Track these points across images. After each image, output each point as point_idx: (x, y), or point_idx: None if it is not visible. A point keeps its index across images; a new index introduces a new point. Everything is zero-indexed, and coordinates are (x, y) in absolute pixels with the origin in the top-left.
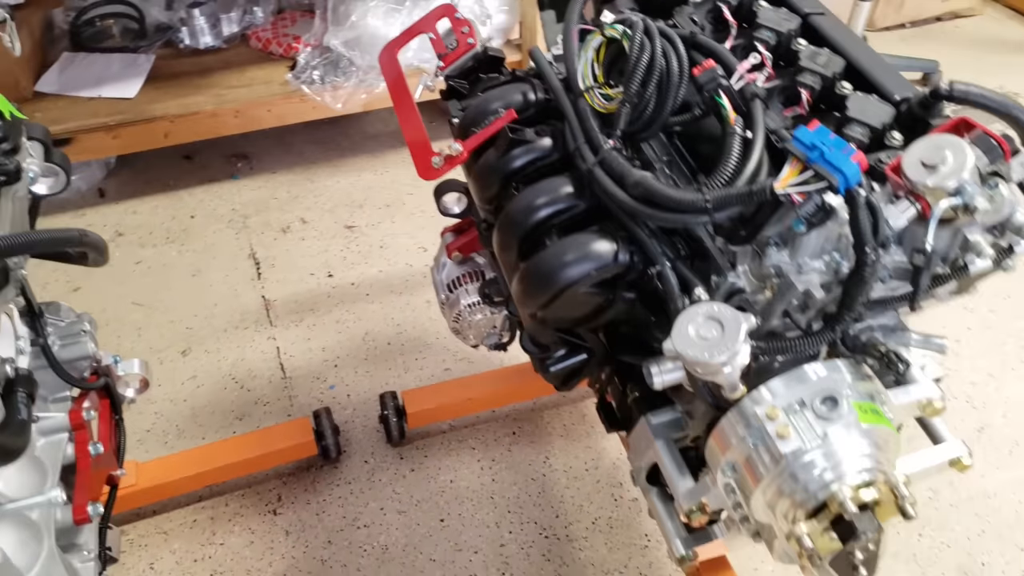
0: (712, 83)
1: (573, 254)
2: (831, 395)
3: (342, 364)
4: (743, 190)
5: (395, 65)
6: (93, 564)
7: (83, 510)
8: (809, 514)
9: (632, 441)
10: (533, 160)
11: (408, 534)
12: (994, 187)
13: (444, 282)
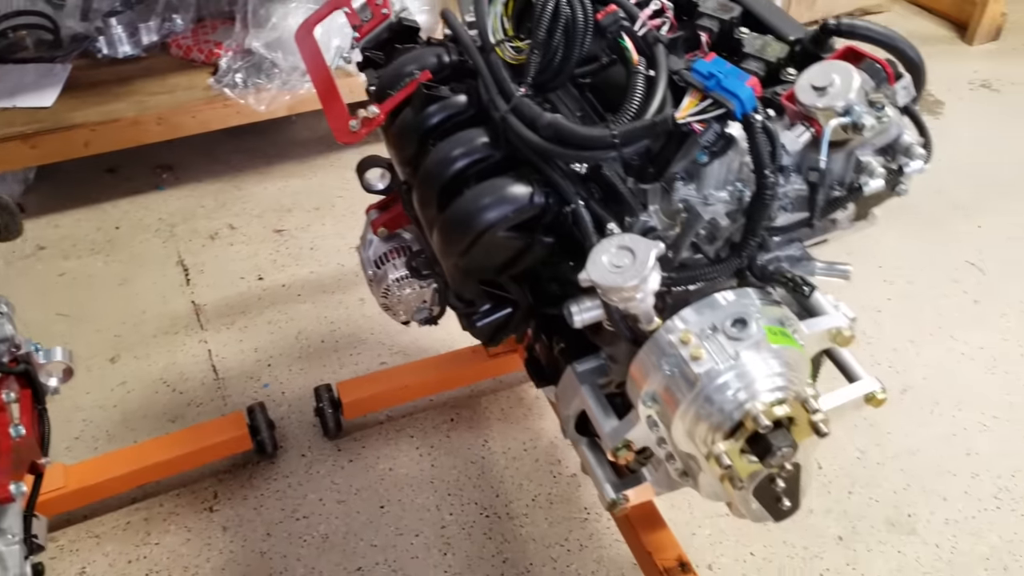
0: (614, 25)
1: (490, 198)
2: (740, 317)
3: (276, 363)
4: (647, 122)
5: (311, 40)
6: (18, 548)
7: (5, 488)
8: (726, 434)
9: (559, 391)
10: (449, 116)
11: (348, 522)
12: (881, 108)
13: (371, 259)
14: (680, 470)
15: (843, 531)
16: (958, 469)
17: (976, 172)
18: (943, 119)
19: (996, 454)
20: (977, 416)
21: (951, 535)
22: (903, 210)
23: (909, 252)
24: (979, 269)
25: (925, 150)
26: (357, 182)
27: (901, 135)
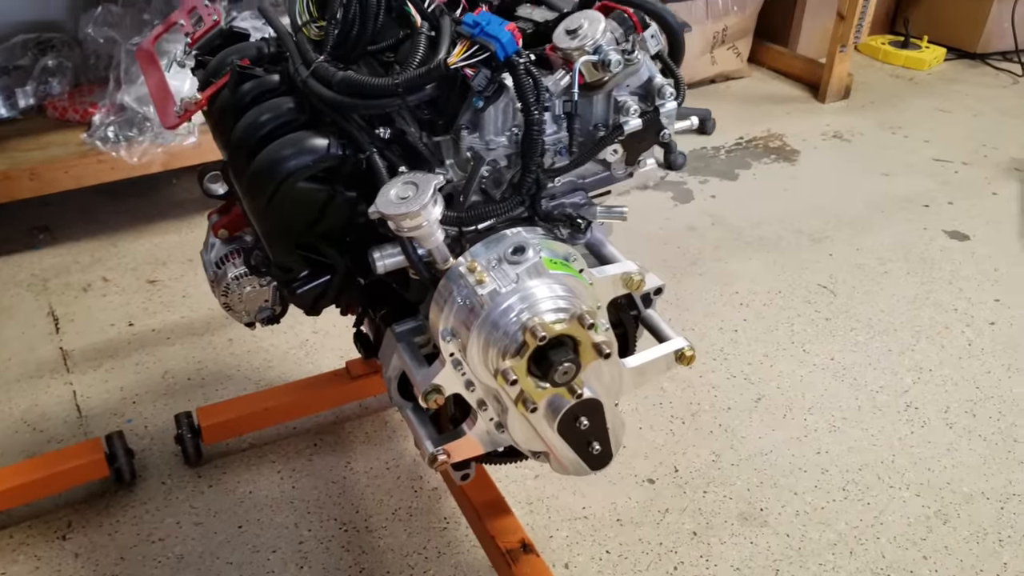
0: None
1: (289, 149)
2: (520, 245)
3: (140, 400)
4: (423, 69)
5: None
6: None
7: None
8: (512, 354)
9: (382, 355)
10: (262, 92)
11: (205, 543)
12: (631, 52)
13: (212, 261)
14: (495, 421)
15: (697, 527)
16: (808, 466)
17: (828, 208)
18: (799, 165)
19: (844, 451)
20: (827, 419)
21: (801, 525)
22: (763, 243)
23: (767, 279)
24: (830, 292)
25: (676, 91)
26: None
27: (654, 77)
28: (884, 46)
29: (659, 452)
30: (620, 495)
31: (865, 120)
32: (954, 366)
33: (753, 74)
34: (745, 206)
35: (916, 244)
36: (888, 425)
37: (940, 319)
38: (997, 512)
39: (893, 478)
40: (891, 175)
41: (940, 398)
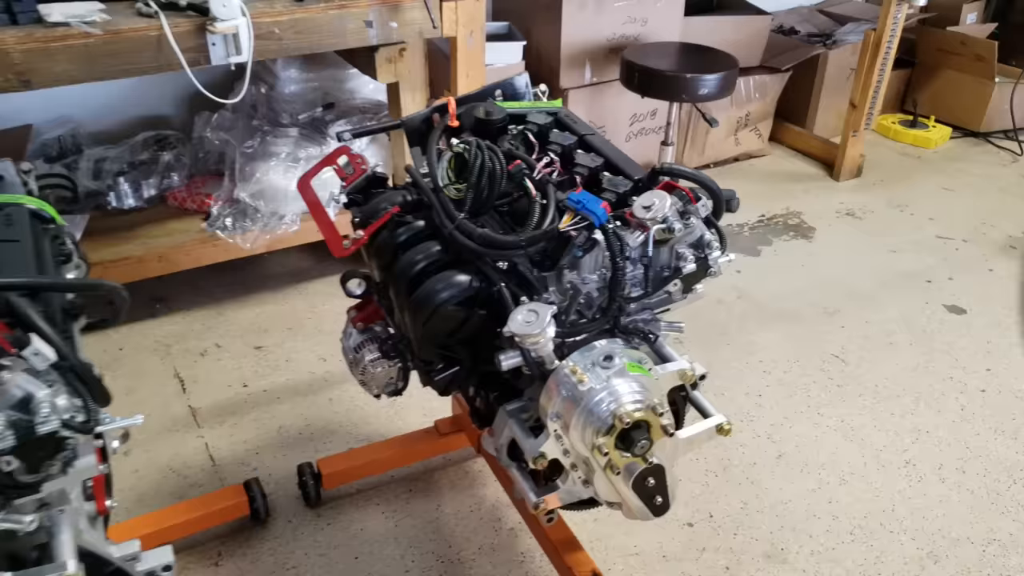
0: (519, 173)
1: (442, 283)
2: (609, 354)
3: (262, 452)
4: (541, 232)
5: (309, 188)
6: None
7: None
8: (604, 433)
9: (495, 426)
10: (414, 234)
11: (329, 570)
12: (687, 218)
13: (351, 346)
14: (582, 478)
15: (729, 563)
16: (821, 513)
17: (841, 283)
18: (815, 241)
19: (852, 501)
20: (837, 474)
21: (815, 562)
22: (783, 316)
23: (785, 349)
24: (842, 360)
25: (721, 243)
26: (323, 307)
27: (703, 235)
28: (894, 125)
29: (696, 500)
30: (664, 536)
31: (876, 198)
32: (948, 428)
33: (773, 152)
34: (767, 281)
35: (918, 317)
36: (889, 479)
37: (937, 386)
38: (980, 554)
39: (893, 524)
40: (898, 251)
41: (935, 456)
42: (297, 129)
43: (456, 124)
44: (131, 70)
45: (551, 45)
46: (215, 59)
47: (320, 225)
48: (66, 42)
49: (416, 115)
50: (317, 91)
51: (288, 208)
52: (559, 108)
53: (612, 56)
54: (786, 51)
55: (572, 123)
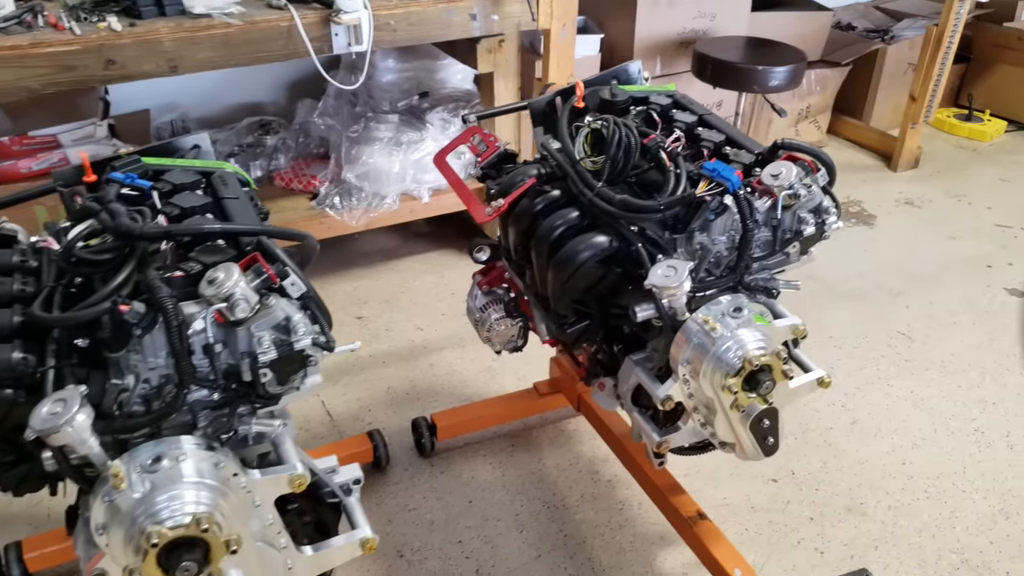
0: (655, 145)
1: (584, 244)
2: (739, 306)
3: (374, 409)
4: (677, 197)
5: (445, 163)
6: None
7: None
8: (732, 375)
9: (620, 375)
10: (551, 203)
11: (446, 512)
12: (809, 186)
13: (477, 307)
14: (702, 421)
15: (813, 514)
16: (896, 474)
17: (903, 267)
18: (876, 228)
19: (924, 463)
20: (910, 439)
21: (893, 516)
22: (849, 296)
23: (854, 326)
24: (908, 337)
25: (836, 209)
26: (414, 283)
27: (822, 201)
28: (950, 119)
29: (778, 460)
30: (751, 489)
31: (933, 188)
32: (1015, 400)
33: (831, 143)
34: (833, 264)
35: (980, 299)
36: (959, 445)
37: (1003, 362)
38: None
39: (964, 484)
40: (957, 238)
41: (1002, 425)
42: (397, 116)
43: (582, 105)
44: (263, 57)
45: (625, 39)
46: (337, 48)
47: (461, 196)
48: (209, 32)
49: (540, 99)
50: (412, 80)
51: (390, 188)
52: (674, 91)
53: (681, 49)
54: (846, 46)
55: (689, 104)
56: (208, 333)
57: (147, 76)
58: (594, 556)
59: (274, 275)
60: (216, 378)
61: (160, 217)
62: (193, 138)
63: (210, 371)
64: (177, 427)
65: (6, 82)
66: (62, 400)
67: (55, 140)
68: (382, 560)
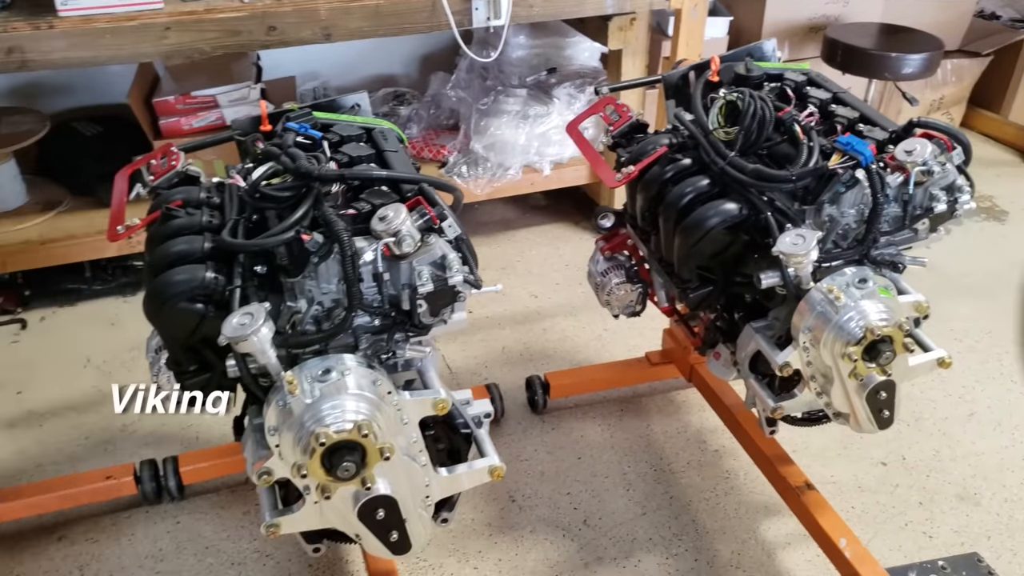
0: (790, 119)
1: (713, 210)
2: (864, 277)
3: (490, 366)
4: (810, 168)
5: (578, 132)
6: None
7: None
8: (853, 344)
9: (739, 341)
10: (681, 170)
11: (556, 465)
12: (943, 164)
13: (599, 271)
14: (818, 390)
15: (922, 499)
16: (1015, 467)
17: None
18: (1008, 224)
19: None
20: None
21: (1009, 508)
22: (973, 291)
23: (978, 320)
24: None
25: (970, 188)
26: (530, 252)
27: (956, 179)
28: None
29: (889, 444)
30: (859, 470)
31: None
32: None
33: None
34: (959, 258)
35: None
36: None
37: None
38: None
39: None
40: None
41: None
42: (525, 90)
43: (716, 79)
44: (408, 28)
45: (753, 22)
46: (476, 22)
47: (592, 162)
48: (362, 2)
49: (674, 72)
50: (540, 56)
51: (514, 160)
52: (808, 69)
53: (811, 35)
54: (988, 35)
55: (824, 82)
56: (377, 264)
57: (303, 43)
58: (698, 519)
59: (435, 217)
60: (380, 305)
61: (331, 163)
62: (354, 97)
63: (375, 298)
64: (341, 347)
65: (183, 44)
66: (249, 314)
67: (214, 100)
68: (495, 503)
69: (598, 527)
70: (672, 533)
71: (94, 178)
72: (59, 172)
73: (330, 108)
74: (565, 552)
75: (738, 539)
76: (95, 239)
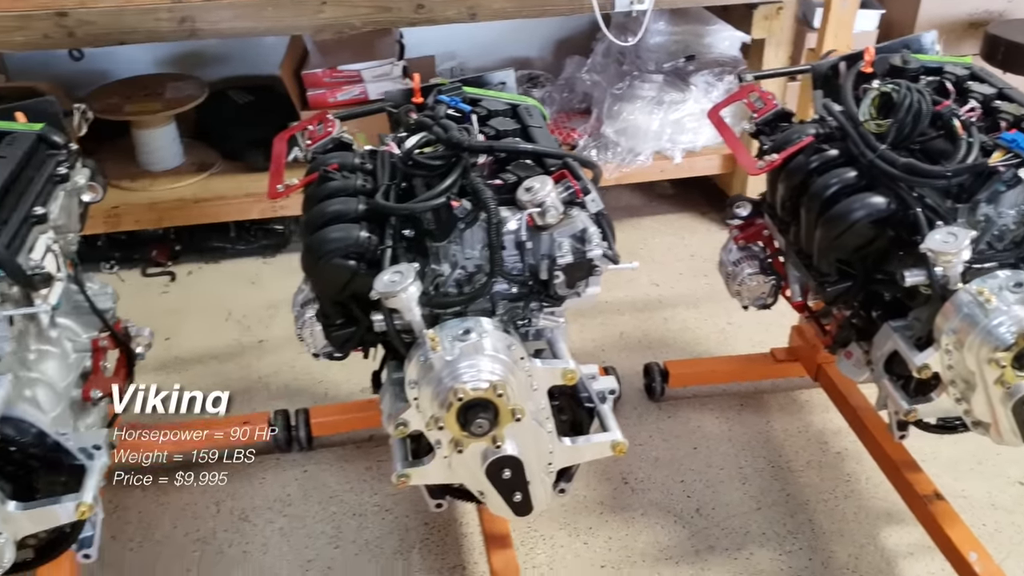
0: (949, 112)
1: (859, 203)
2: (1020, 281)
3: (607, 350)
4: (967, 165)
5: (718, 117)
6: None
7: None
8: (1002, 349)
9: (876, 340)
10: (826, 161)
11: (671, 453)
12: None
13: (731, 260)
14: (957, 396)
15: None
16: None
17: None
18: None
19: None
20: None
21: None
22: None
23: None
24: None
25: None
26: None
27: None
28: None
29: None
30: (994, 487)
31: None
32: None
33: None
34: None
35: None
36: None
37: None
38: None
39: None
40: None
41: None
42: (662, 76)
43: (869, 70)
44: (549, 10)
45: (906, 16)
46: (619, 6)
47: (733, 148)
48: None
49: (824, 62)
50: (679, 44)
51: (645, 146)
52: (971, 63)
53: (970, 31)
54: None
55: (988, 77)
56: (521, 233)
57: (448, 21)
58: (815, 519)
59: (579, 190)
60: (521, 273)
61: (480, 135)
62: (500, 75)
63: (515, 266)
64: (479, 311)
65: (336, 18)
66: (399, 272)
67: (358, 75)
68: (608, 483)
69: (711, 517)
70: (787, 530)
71: (244, 144)
72: (212, 136)
73: (478, 84)
74: (676, 538)
75: (856, 543)
76: (242, 201)
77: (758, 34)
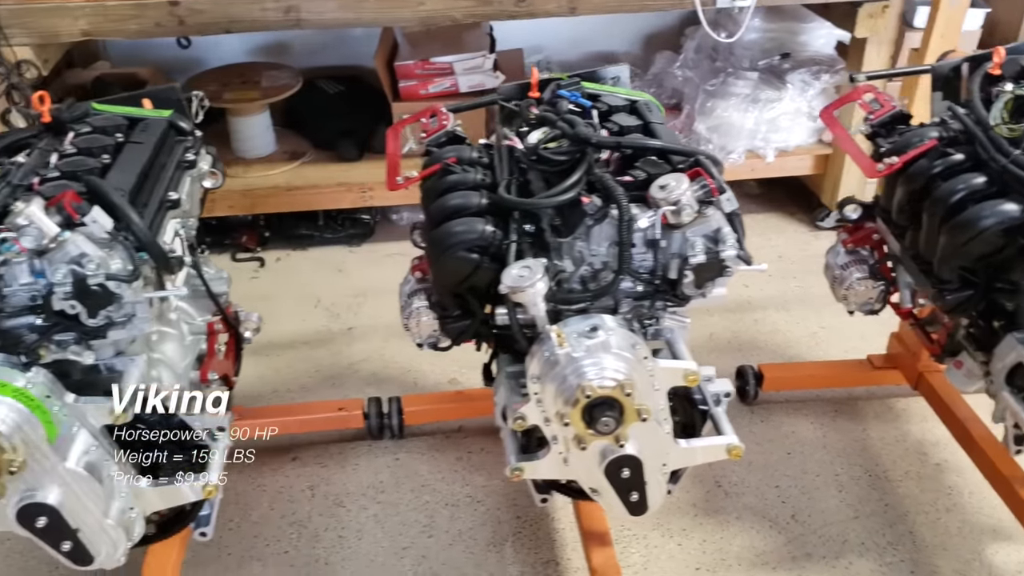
0: None
1: (989, 211)
2: None
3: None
4: None
5: (832, 118)
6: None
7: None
8: None
9: (998, 351)
10: (952, 166)
11: (765, 457)
12: None
13: (838, 264)
14: None
15: None
16: None
17: None
18: None
19: None
20: None
21: None
22: None
23: None
24: None
25: None
26: None
27: None
28: None
29: None
30: None
31: None
32: None
33: None
34: None
35: None
36: None
37: None
38: None
39: None
40: None
41: None
42: (757, 73)
43: (998, 72)
44: (650, 5)
45: (1014, 16)
46: (721, 3)
47: (848, 150)
48: None
49: (945, 63)
50: (774, 41)
51: (738, 144)
52: None
53: None
54: None
55: None
56: (654, 231)
57: (548, 15)
58: (916, 531)
59: (715, 189)
60: (651, 271)
61: (602, 131)
62: (614, 70)
63: (642, 264)
64: (602, 308)
65: (437, 11)
66: (528, 267)
67: (449, 67)
68: (700, 485)
69: (807, 524)
70: (887, 541)
71: (335, 133)
72: (304, 126)
73: (591, 79)
74: (772, 543)
75: (961, 559)
76: (333, 190)
77: (861, 33)
